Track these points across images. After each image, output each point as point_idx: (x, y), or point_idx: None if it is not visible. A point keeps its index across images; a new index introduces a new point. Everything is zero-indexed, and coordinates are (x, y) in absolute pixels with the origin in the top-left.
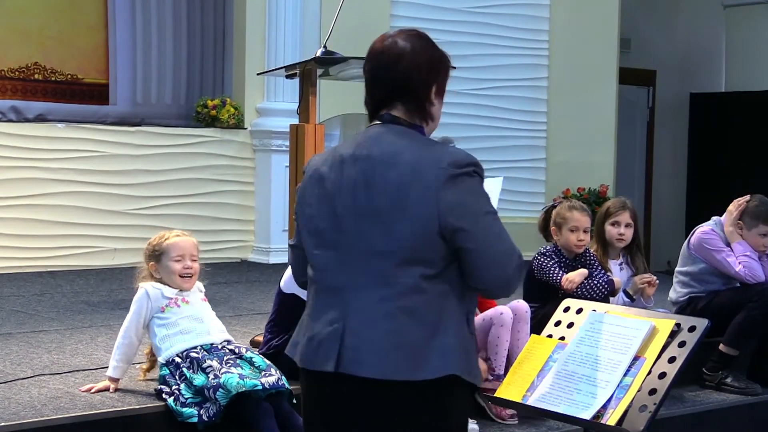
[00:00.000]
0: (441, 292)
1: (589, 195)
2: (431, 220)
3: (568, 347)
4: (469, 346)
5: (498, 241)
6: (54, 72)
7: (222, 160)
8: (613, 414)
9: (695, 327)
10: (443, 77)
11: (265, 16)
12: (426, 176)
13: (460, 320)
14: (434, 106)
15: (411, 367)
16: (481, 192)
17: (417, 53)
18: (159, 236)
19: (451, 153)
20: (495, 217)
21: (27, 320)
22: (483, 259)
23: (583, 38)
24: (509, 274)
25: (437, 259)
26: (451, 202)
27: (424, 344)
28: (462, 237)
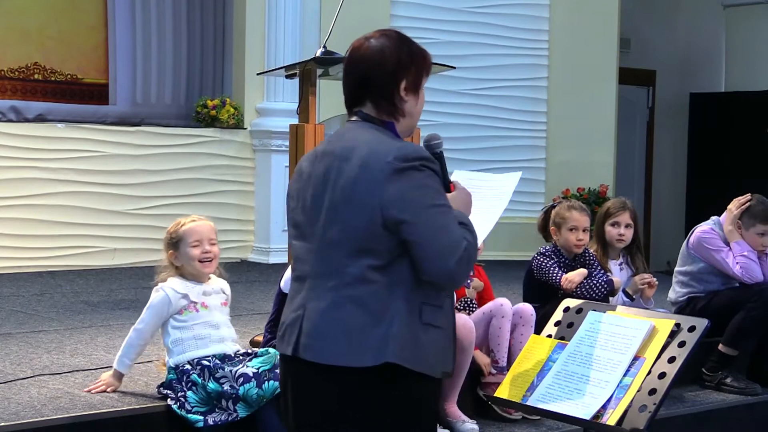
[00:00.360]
0: (388, 282)
1: (588, 195)
2: (375, 211)
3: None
4: (423, 337)
5: (442, 233)
6: (54, 72)
7: (222, 160)
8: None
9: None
10: (416, 73)
11: (265, 16)
12: (373, 170)
13: (411, 311)
14: (406, 102)
15: (351, 353)
16: (429, 185)
17: (383, 51)
18: (175, 223)
19: (401, 147)
20: (442, 210)
21: (26, 320)
22: (425, 252)
23: (582, 38)
24: (451, 267)
25: (383, 250)
26: (394, 194)
27: (368, 332)
28: (405, 229)
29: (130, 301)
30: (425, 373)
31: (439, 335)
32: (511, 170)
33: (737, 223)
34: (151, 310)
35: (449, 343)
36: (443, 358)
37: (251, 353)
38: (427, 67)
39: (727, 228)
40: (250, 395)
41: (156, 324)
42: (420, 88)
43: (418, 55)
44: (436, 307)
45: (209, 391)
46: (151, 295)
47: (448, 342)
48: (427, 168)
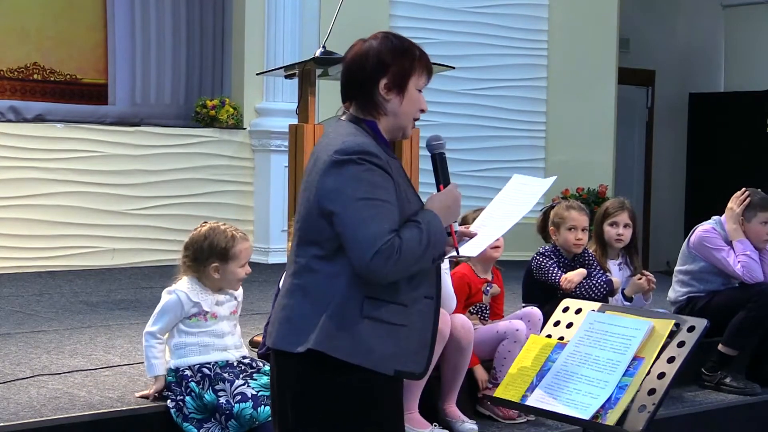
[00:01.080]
0: (331, 273)
1: (588, 195)
2: (314, 203)
3: (567, 347)
4: (363, 330)
5: (363, 226)
6: (53, 72)
7: (221, 161)
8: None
9: (694, 327)
10: (399, 72)
11: (264, 17)
12: (320, 162)
13: (349, 303)
14: (387, 101)
15: (289, 339)
16: (364, 179)
17: (366, 51)
18: (226, 236)
19: (345, 141)
20: (372, 203)
21: (26, 320)
22: (347, 243)
23: (582, 38)
24: (367, 259)
25: (324, 240)
26: (328, 186)
27: (307, 320)
28: (335, 220)
29: (130, 302)
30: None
31: (393, 332)
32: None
33: (740, 220)
34: (163, 314)
35: (414, 344)
36: (400, 355)
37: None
38: (418, 67)
39: (731, 226)
40: (243, 415)
41: (167, 327)
42: (406, 87)
43: (405, 54)
44: (391, 304)
45: (205, 402)
46: (163, 297)
47: (411, 341)
48: (366, 162)
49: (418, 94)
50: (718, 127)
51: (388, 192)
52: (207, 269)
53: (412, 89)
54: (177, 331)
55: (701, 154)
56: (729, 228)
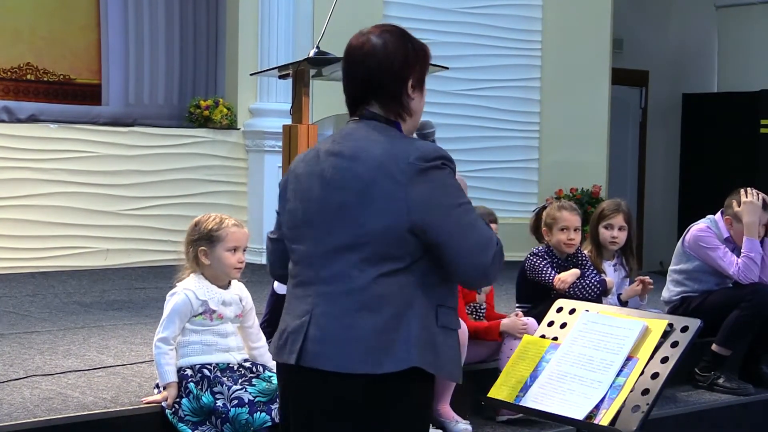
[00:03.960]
0: (405, 285)
1: (581, 195)
2: (400, 215)
3: (561, 347)
4: (437, 339)
5: (471, 231)
6: (46, 72)
7: (215, 161)
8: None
9: (688, 327)
10: (420, 70)
11: (258, 17)
12: (393, 171)
13: (427, 314)
14: (412, 100)
15: (371, 360)
16: (451, 184)
17: (389, 49)
18: (215, 220)
19: (419, 147)
20: (467, 208)
21: (19, 321)
22: (458, 251)
23: (575, 39)
24: (486, 263)
25: (403, 254)
26: (420, 197)
27: (385, 338)
28: (434, 232)
29: (123, 302)
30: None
31: (454, 338)
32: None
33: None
34: (173, 317)
35: (459, 345)
36: (458, 361)
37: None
38: (428, 63)
39: (752, 222)
40: (239, 419)
41: (179, 328)
42: (424, 84)
43: (421, 51)
44: (451, 309)
45: (202, 404)
46: (169, 299)
47: (458, 344)
48: (447, 166)
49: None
50: (712, 127)
51: (465, 194)
52: (199, 257)
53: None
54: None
55: (695, 155)
56: (749, 223)
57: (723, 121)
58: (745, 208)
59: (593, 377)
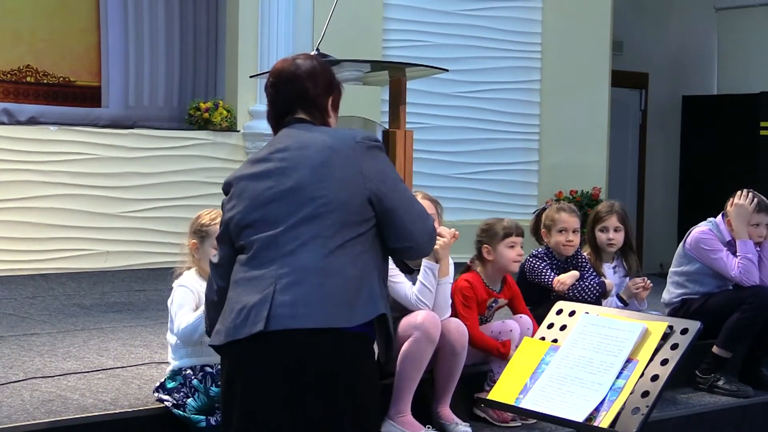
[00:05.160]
0: (364, 250)
1: (581, 197)
2: (360, 185)
3: (561, 349)
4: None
5: (414, 203)
6: (46, 74)
7: (214, 163)
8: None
9: (688, 329)
10: (336, 96)
11: (258, 19)
12: (345, 149)
13: (379, 277)
14: (331, 117)
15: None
16: (391, 164)
17: (315, 69)
18: (210, 215)
19: (361, 131)
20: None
21: (19, 323)
22: (409, 218)
23: (575, 41)
24: (431, 229)
25: (361, 221)
26: (373, 168)
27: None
28: (388, 199)
29: (123, 304)
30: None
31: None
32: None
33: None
34: (181, 307)
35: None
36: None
37: None
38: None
39: (739, 224)
40: None
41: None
42: (338, 109)
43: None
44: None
45: (212, 395)
46: (173, 295)
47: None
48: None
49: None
50: (711, 129)
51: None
52: (191, 250)
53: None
54: None
55: (694, 157)
56: (735, 226)
57: (723, 123)
58: (733, 210)
59: (593, 379)
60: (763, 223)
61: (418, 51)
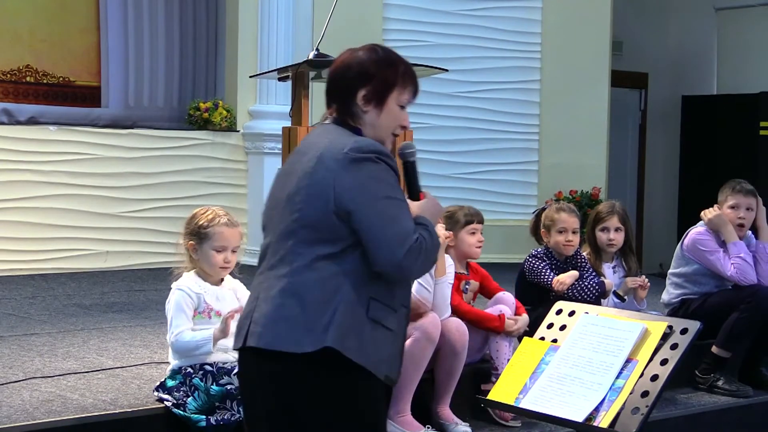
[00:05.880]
0: (337, 272)
1: (581, 197)
2: (328, 200)
3: (561, 349)
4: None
5: (391, 224)
6: (46, 74)
7: (214, 163)
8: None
9: (687, 329)
10: (379, 85)
11: (258, 19)
12: (327, 160)
13: (357, 302)
14: (365, 112)
15: (292, 338)
16: (383, 178)
17: (351, 59)
18: (208, 216)
19: (358, 141)
20: (395, 203)
21: (18, 323)
22: (374, 240)
23: (575, 41)
24: (399, 256)
25: (334, 239)
26: (347, 183)
27: (311, 319)
28: (355, 218)
29: (123, 304)
30: (367, 369)
31: (387, 337)
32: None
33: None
34: (178, 312)
35: (397, 350)
36: (389, 361)
37: None
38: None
39: (725, 228)
40: None
41: (189, 318)
42: (385, 101)
43: (388, 67)
44: (388, 308)
45: (212, 394)
46: (171, 297)
47: (396, 347)
48: (382, 161)
49: (398, 110)
50: (711, 129)
51: (401, 192)
52: (189, 251)
53: (391, 103)
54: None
55: (694, 157)
56: (723, 230)
57: (722, 123)
58: (711, 222)
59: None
60: (743, 206)
61: (418, 51)
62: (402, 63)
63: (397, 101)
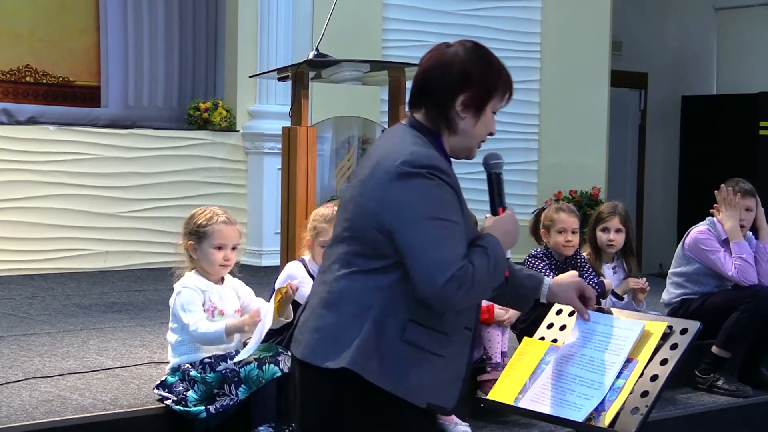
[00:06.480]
0: (372, 287)
1: (581, 197)
2: (373, 214)
3: (561, 349)
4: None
5: (435, 248)
6: (45, 74)
7: (214, 163)
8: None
9: (687, 329)
10: (481, 92)
11: (257, 19)
12: (380, 171)
13: (389, 323)
14: (462, 119)
15: (322, 354)
16: (432, 195)
17: (453, 60)
18: (206, 215)
19: (412, 152)
20: (443, 223)
21: (18, 323)
22: (414, 264)
23: (574, 41)
24: (438, 285)
25: (376, 254)
26: (391, 199)
27: (341, 334)
28: (396, 237)
29: (122, 304)
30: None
31: (431, 362)
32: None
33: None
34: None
35: (450, 377)
36: (434, 388)
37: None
38: (501, 89)
39: (731, 226)
40: (251, 376)
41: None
42: (484, 109)
43: (491, 72)
44: (432, 331)
45: (209, 381)
46: (174, 299)
47: (448, 374)
48: (436, 177)
49: (492, 117)
50: (711, 129)
51: (456, 212)
52: (189, 251)
53: (488, 111)
54: (181, 328)
55: (694, 157)
56: (728, 227)
57: (722, 123)
58: (721, 215)
59: (593, 379)
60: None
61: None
62: (503, 67)
63: (492, 108)
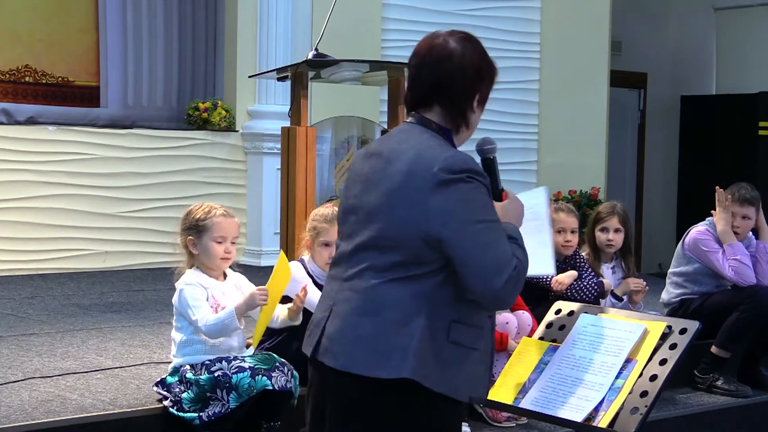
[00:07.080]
0: (415, 294)
1: (580, 197)
2: (416, 224)
3: (560, 350)
4: (449, 356)
5: (488, 251)
6: (44, 74)
7: (213, 163)
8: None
9: (686, 329)
10: (488, 86)
11: (257, 19)
12: (417, 179)
13: (437, 326)
14: (474, 114)
15: (368, 362)
16: (476, 199)
17: (466, 57)
18: (204, 209)
19: (447, 158)
20: (489, 225)
21: (17, 323)
22: (470, 270)
23: (574, 41)
24: (497, 287)
25: (418, 263)
26: (439, 207)
27: (388, 342)
28: (447, 245)
29: (122, 304)
30: (449, 396)
31: (469, 357)
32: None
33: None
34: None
35: (483, 368)
36: (472, 381)
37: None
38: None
39: (721, 229)
40: (242, 384)
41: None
42: (486, 101)
43: (492, 67)
44: (472, 327)
45: (202, 384)
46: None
47: (482, 366)
48: (474, 180)
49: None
50: (710, 129)
51: (494, 210)
52: (188, 246)
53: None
54: (185, 328)
55: (693, 157)
56: (719, 230)
57: (721, 123)
58: (715, 217)
59: (593, 379)
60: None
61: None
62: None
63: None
